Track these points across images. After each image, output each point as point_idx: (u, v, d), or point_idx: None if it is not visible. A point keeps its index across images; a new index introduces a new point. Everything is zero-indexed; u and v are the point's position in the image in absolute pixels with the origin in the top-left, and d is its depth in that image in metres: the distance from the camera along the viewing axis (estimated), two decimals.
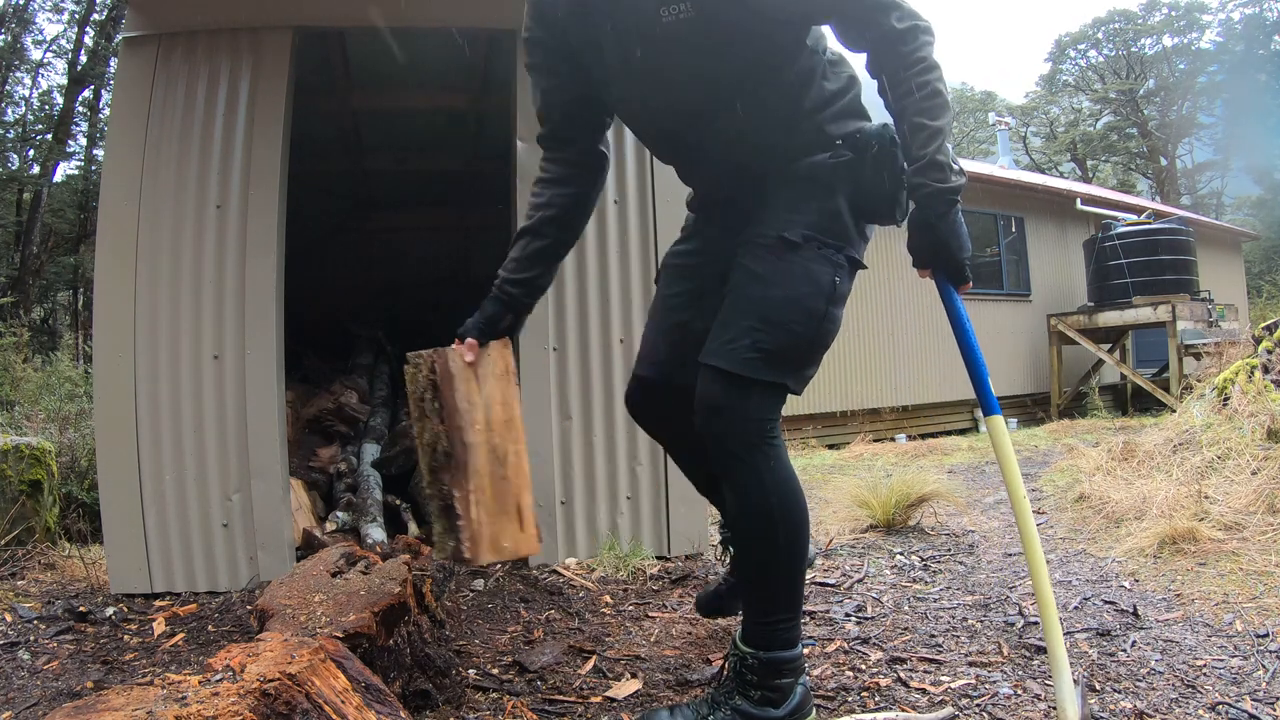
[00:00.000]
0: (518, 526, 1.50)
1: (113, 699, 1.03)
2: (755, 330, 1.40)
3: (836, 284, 1.44)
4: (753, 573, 1.49)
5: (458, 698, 1.62)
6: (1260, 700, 1.48)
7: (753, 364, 1.39)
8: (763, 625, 1.46)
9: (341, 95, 3.95)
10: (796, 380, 1.45)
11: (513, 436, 1.52)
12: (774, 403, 1.44)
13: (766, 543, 1.44)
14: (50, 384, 7.25)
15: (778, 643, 1.44)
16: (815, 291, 1.42)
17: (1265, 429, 2.92)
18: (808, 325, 1.42)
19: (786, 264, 1.42)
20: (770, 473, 1.41)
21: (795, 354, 1.43)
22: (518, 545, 1.50)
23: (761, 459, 1.41)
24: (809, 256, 1.42)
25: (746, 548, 1.49)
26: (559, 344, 2.86)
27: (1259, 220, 25.85)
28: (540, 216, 1.63)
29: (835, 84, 1.52)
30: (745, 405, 1.40)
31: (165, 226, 2.62)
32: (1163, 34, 27.72)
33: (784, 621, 1.45)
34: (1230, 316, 9.24)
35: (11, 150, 15.55)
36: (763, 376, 1.40)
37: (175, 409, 2.57)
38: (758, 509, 1.42)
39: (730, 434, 1.41)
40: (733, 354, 1.40)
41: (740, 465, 1.41)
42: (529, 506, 1.51)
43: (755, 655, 1.44)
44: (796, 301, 1.41)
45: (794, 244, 1.42)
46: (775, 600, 1.46)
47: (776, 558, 1.44)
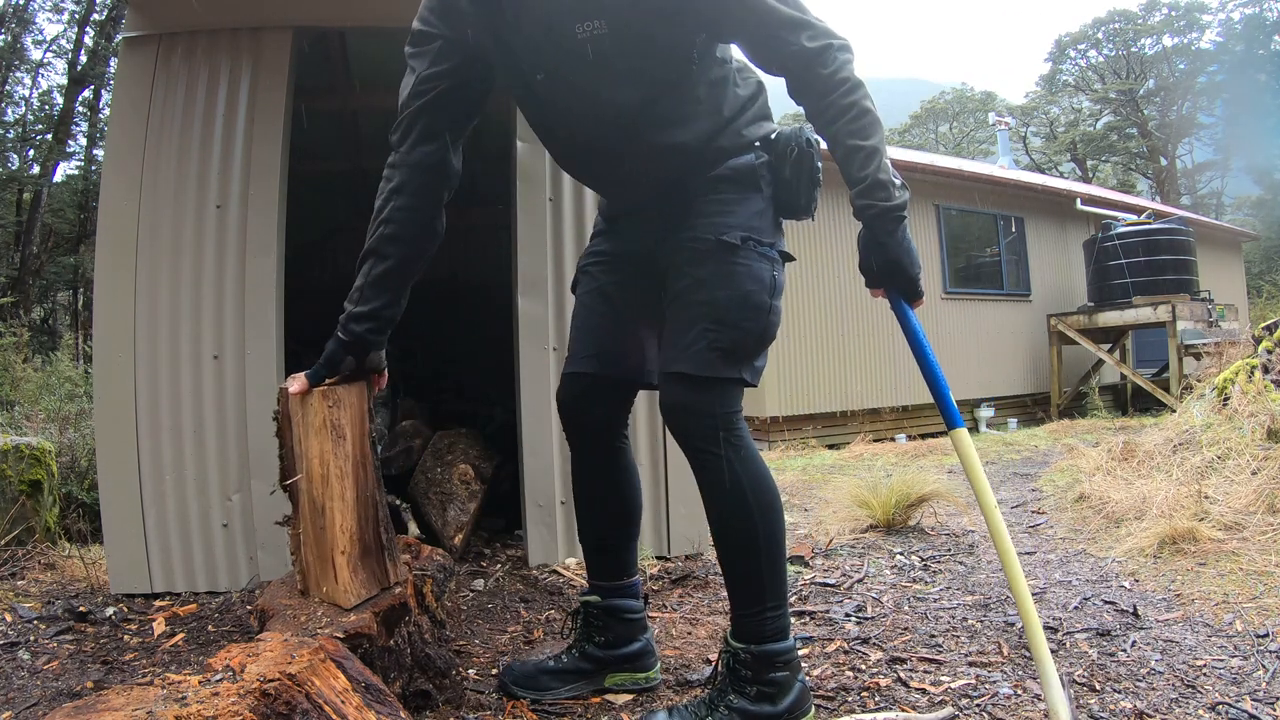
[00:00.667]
0: (333, 578, 1.50)
1: (113, 699, 1.03)
2: (709, 331, 1.45)
3: (775, 278, 1.51)
4: (735, 565, 1.51)
5: (458, 698, 1.62)
6: (1260, 700, 1.48)
7: (711, 363, 1.45)
8: (750, 618, 1.47)
9: (341, 95, 3.94)
10: (751, 373, 1.50)
11: (329, 492, 1.49)
12: (734, 396, 1.51)
13: (744, 532, 1.47)
14: (50, 384, 7.26)
15: (768, 634, 1.46)
16: (759, 289, 1.48)
17: (1265, 429, 2.92)
18: (756, 320, 1.48)
19: (729, 266, 1.47)
20: (740, 462, 1.47)
21: (747, 349, 1.48)
22: (333, 595, 1.50)
23: (730, 450, 1.46)
24: (748, 257, 1.48)
25: (726, 539, 1.51)
26: (559, 344, 2.85)
27: (1259, 220, 25.85)
28: (379, 235, 1.56)
29: (746, 90, 1.56)
30: (710, 402, 1.47)
31: (165, 226, 2.62)
32: (1163, 34, 27.72)
33: (771, 611, 1.47)
34: (1230, 316, 9.24)
35: (11, 150, 15.55)
36: (721, 374, 1.46)
37: (175, 409, 2.57)
38: (732, 498, 1.47)
39: (698, 431, 1.47)
40: (692, 357, 1.46)
41: (711, 459, 1.47)
42: (343, 563, 1.49)
43: (747, 650, 1.45)
44: (744, 300, 1.47)
45: (733, 246, 1.47)
46: (760, 590, 1.47)
47: (755, 545, 1.47)
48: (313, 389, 1.50)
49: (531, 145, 2.90)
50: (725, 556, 1.53)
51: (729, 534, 1.50)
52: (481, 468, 3.28)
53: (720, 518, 1.51)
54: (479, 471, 3.25)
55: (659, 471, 2.88)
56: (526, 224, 2.88)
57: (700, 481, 1.51)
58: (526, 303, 2.84)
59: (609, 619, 1.69)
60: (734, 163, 1.52)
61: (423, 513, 3.09)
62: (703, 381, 1.46)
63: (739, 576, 1.51)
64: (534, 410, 2.82)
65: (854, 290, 8.19)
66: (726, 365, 1.46)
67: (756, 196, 1.53)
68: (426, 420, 3.78)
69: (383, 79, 3.96)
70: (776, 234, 1.55)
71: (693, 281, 1.49)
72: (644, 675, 1.69)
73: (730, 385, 1.48)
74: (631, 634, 1.69)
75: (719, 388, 1.47)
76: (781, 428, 7.73)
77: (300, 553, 1.54)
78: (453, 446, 3.38)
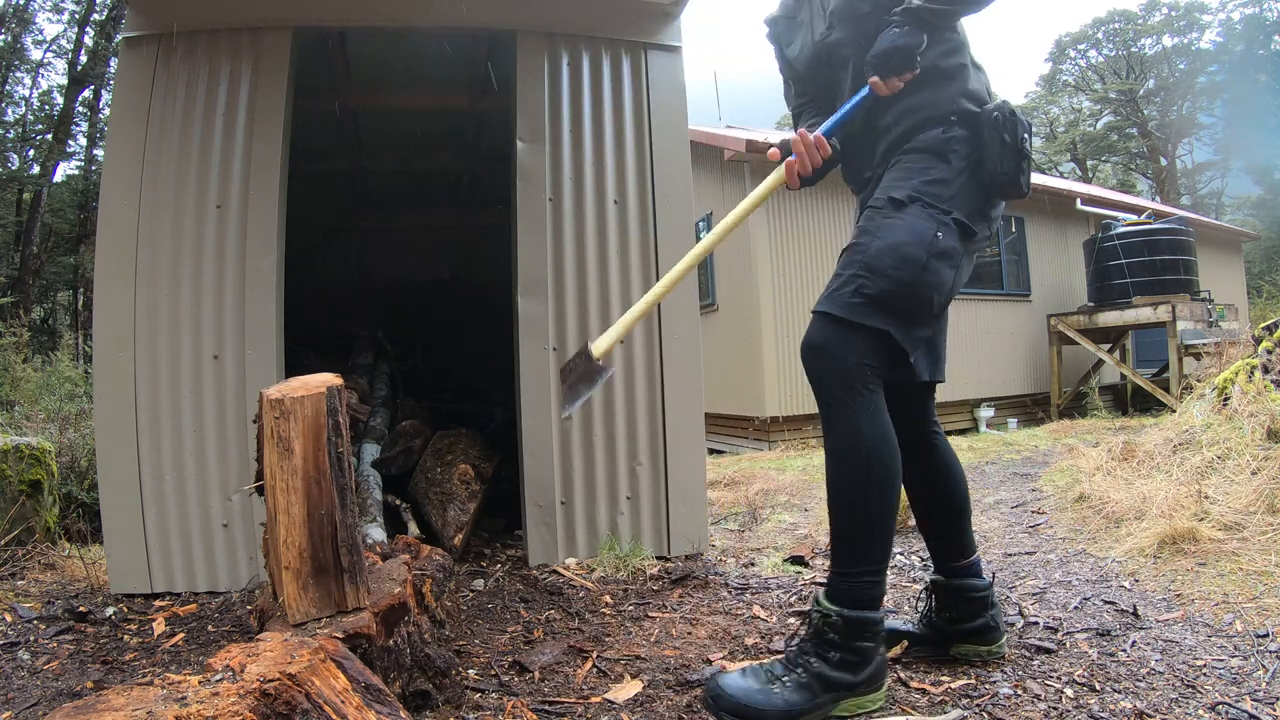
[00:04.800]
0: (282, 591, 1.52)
1: (113, 699, 1.03)
2: (858, 277, 1.49)
3: (939, 238, 1.51)
4: (843, 521, 1.51)
5: (458, 698, 1.62)
6: (1260, 700, 1.48)
7: (856, 308, 1.48)
8: (849, 579, 1.47)
9: (341, 95, 3.94)
10: (902, 333, 1.49)
11: (277, 505, 1.50)
12: (875, 350, 1.50)
13: (857, 488, 1.48)
14: (50, 384, 7.26)
15: (864, 600, 1.46)
16: (914, 240, 1.50)
17: (1265, 429, 2.92)
18: (905, 270, 1.48)
19: (891, 219, 1.53)
20: (866, 417, 1.47)
21: (896, 301, 1.48)
22: (285, 607, 1.52)
23: (861, 403, 1.47)
24: (913, 213, 1.53)
25: (838, 492, 1.51)
26: (559, 344, 2.86)
27: (1259, 220, 25.85)
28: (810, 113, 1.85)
29: (957, 59, 1.65)
30: (847, 348, 1.48)
31: (165, 226, 2.62)
32: (1163, 34, 27.73)
33: (869, 576, 1.47)
34: (1230, 316, 9.23)
35: (11, 150, 15.55)
36: (865, 321, 1.48)
37: (175, 409, 2.57)
38: (851, 452, 1.47)
39: (830, 373, 1.49)
40: (837, 299, 1.50)
41: (838, 406, 1.48)
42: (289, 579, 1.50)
43: (840, 613, 1.46)
44: (895, 249, 1.50)
45: (900, 202, 1.54)
46: (862, 551, 1.47)
47: (867, 504, 1.47)
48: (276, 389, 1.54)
49: (531, 145, 2.91)
50: (834, 508, 1.53)
51: (841, 485, 1.50)
52: (481, 468, 3.28)
53: (834, 465, 1.51)
54: (479, 471, 3.25)
55: (659, 471, 2.88)
56: (526, 224, 2.88)
57: (825, 420, 1.52)
58: (526, 303, 2.84)
59: (953, 596, 1.75)
60: (926, 134, 1.60)
61: (423, 513, 3.09)
62: (842, 324, 1.48)
63: (844, 532, 1.51)
64: (534, 410, 2.82)
65: None
66: (869, 313, 1.47)
67: (943, 166, 1.57)
68: (426, 420, 3.78)
69: (383, 79, 3.97)
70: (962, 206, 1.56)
71: (858, 232, 1.57)
72: (987, 648, 1.73)
73: (870, 335, 1.48)
74: (975, 610, 1.73)
75: (859, 334, 1.48)
76: (781, 428, 7.73)
77: (268, 559, 1.54)
78: (453, 446, 3.38)
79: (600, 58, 3.03)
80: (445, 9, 2.94)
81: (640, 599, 2.37)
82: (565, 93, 2.98)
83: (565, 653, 1.93)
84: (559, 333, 2.86)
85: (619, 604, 2.33)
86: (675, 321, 2.94)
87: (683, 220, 3.00)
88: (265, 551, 1.58)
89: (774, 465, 5.81)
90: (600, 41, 3.03)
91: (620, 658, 1.88)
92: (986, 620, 1.73)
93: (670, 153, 3.02)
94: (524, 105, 2.93)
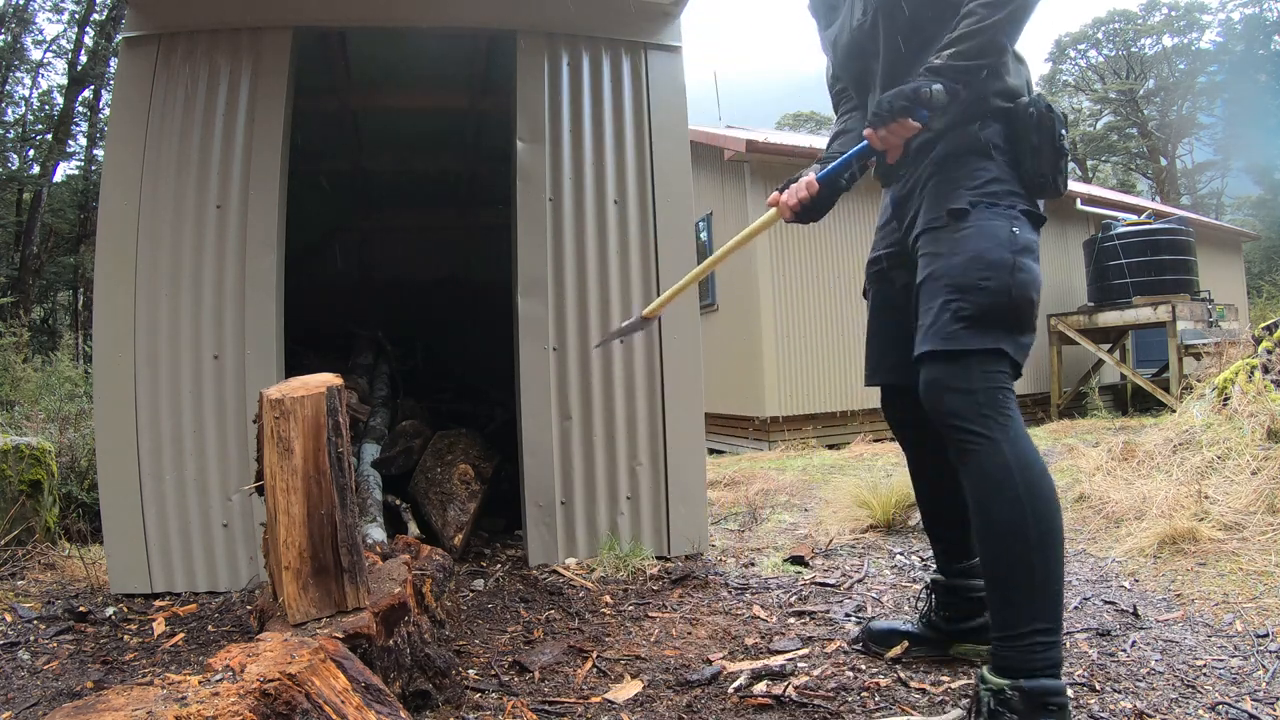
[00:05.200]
0: (281, 591, 1.52)
1: (113, 699, 1.03)
2: (951, 301, 1.38)
3: (1016, 233, 1.41)
4: (1001, 575, 1.33)
5: (458, 698, 1.62)
6: (1260, 700, 1.48)
7: (959, 335, 1.37)
8: (1017, 644, 1.28)
9: (341, 95, 3.95)
10: (1013, 345, 1.38)
11: (277, 505, 1.51)
12: (996, 371, 1.38)
13: (1017, 532, 1.29)
14: (50, 384, 7.26)
15: (1039, 666, 1.27)
16: (996, 244, 1.40)
17: (1265, 429, 2.92)
18: (998, 277, 1.38)
19: (961, 232, 1.43)
20: (1011, 445, 1.33)
21: (998, 313, 1.38)
22: (284, 607, 1.52)
23: (999, 431, 1.33)
24: (980, 216, 1.42)
25: (992, 543, 1.34)
26: (559, 344, 2.86)
27: (1259, 220, 25.85)
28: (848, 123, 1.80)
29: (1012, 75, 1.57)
30: (966, 378, 1.36)
31: (165, 226, 2.62)
32: (1163, 34, 27.73)
33: (1043, 636, 1.28)
34: (1230, 316, 9.23)
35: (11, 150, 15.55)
36: (974, 345, 1.37)
37: (175, 409, 2.57)
38: (1006, 491, 1.31)
39: (960, 412, 1.36)
40: (938, 332, 1.39)
41: (976, 442, 1.34)
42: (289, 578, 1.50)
43: (1015, 687, 1.26)
44: (979, 257, 1.39)
45: (963, 211, 1.43)
46: (1030, 608, 1.29)
47: (1028, 551, 1.29)
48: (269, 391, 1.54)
49: (531, 145, 2.91)
50: (987, 558, 1.35)
51: (993, 529, 1.33)
52: (481, 468, 3.28)
53: (983, 508, 1.34)
54: (479, 471, 3.25)
55: (659, 471, 2.88)
56: (526, 224, 2.88)
57: (961, 469, 1.37)
58: (526, 303, 2.84)
59: (952, 596, 1.73)
60: (958, 136, 1.51)
61: (423, 513, 3.09)
62: (953, 356, 1.36)
63: (1003, 585, 1.32)
64: (534, 410, 2.82)
65: (854, 290, 8.19)
66: (977, 335, 1.36)
67: (989, 163, 1.48)
68: (426, 420, 3.78)
69: (383, 79, 3.97)
70: (1018, 198, 1.47)
71: (929, 259, 1.45)
72: (987, 647, 1.67)
73: (987, 358, 1.37)
74: (974, 610, 1.71)
75: (974, 361, 1.36)
76: (781, 428, 7.73)
77: (268, 559, 1.54)
78: (453, 446, 3.38)
79: (600, 58, 3.03)
80: (445, 9, 2.94)
81: (640, 599, 2.37)
82: (565, 93, 2.98)
83: (565, 653, 1.93)
84: (559, 333, 2.86)
85: (619, 604, 2.33)
86: (675, 321, 2.94)
87: (683, 220, 3.00)
88: (265, 551, 1.58)
89: (774, 465, 5.81)
90: (600, 41, 3.03)
91: (620, 658, 1.88)
92: (985, 620, 1.71)
93: (670, 153, 3.02)
94: (524, 105, 2.92)
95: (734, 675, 1.72)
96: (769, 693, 1.61)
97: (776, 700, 1.57)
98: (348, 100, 4.01)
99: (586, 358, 2.87)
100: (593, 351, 2.87)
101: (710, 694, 1.64)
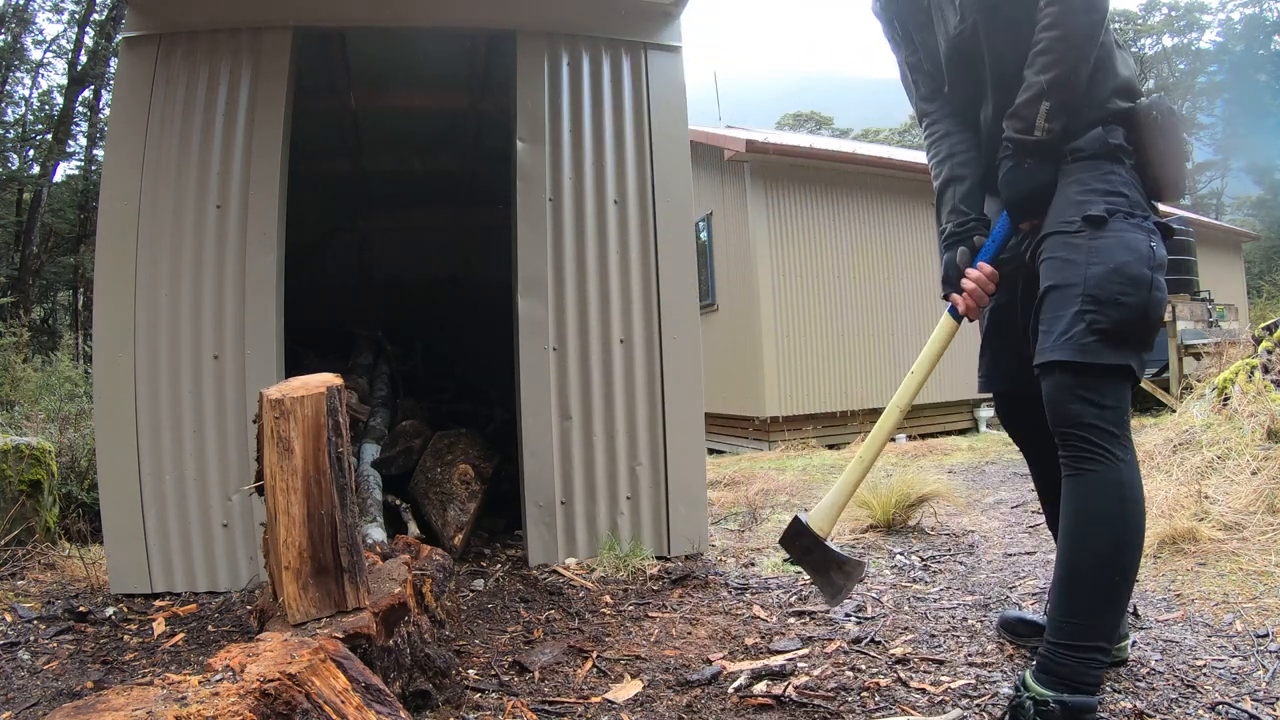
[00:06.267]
0: (282, 591, 1.52)
1: (113, 699, 1.03)
2: (1087, 313, 1.33)
3: (1154, 249, 1.36)
4: (1084, 588, 1.31)
5: (458, 698, 1.62)
6: (1260, 700, 1.48)
7: (1092, 348, 1.32)
8: (1078, 655, 1.27)
9: (341, 95, 3.95)
10: (1139, 363, 1.35)
11: (277, 505, 1.51)
12: (1122, 389, 1.34)
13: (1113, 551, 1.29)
14: (50, 384, 7.26)
15: (1090, 683, 1.26)
16: (1137, 258, 1.34)
17: (1265, 429, 2.92)
18: (1138, 294, 1.33)
19: (1099, 240, 1.36)
20: (1128, 467, 1.31)
21: (1132, 330, 1.33)
22: (285, 607, 1.53)
23: (1120, 450, 1.31)
24: (1119, 227, 1.37)
25: (1083, 555, 1.32)
26: (559, 344, 2.86)
27: (1259, 220, 25.85)
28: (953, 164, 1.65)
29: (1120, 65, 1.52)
30: (1099, 393, 1.32)
31: (165, 226, 2.62)
32: (1163, 34, 27.76)
33: (1101, 655, 1.28)
34: (1230, 316, 9.23)
35: (11, 150, 15.55)
36: (1106, 360, 1.32)
37: (175, 409, 2.57)
38: (1115, 510, 1.30)
39: (1089, 425, 1.32)
40: (1071, 343, 1.33)
41: (1102, 459, 1.31)
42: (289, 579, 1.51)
43: (1059, 700, 1.24)
44: (1120, 271, 1.33)
45: (1100, 219, 1.37)
46: (1096, 624, 1.29)
47: (1114, 571, 1.28)
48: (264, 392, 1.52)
49: (531, 145, 2.91)
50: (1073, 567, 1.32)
51: (1089, 543, 1.30)
52: (481, 468, 3.28)
53: (1084, 519, 1.31)
54: (479, 471, 3.25)
55: (659, 471, 2.88)
56: (526, 224, 2.88)
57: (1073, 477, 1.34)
58: (526, 303, 2.84)
59: None
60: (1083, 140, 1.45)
61: (423, 513, 3.09)
62: (1087, 369, 1.32)
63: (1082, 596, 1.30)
64: (534, 410, 2.82)
65: (854, 290, 8.19)
66: (1111, 350, 1.31)
67: (1120, 168, 1.42)
68: (426, 420, 3.78)
69: (383, 79, 3.97)
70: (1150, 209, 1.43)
71: (1062, 264, 1.39)
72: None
73: (1116, 374, 1.33)
74: None
75: (1106, 376, 1.32)
76: (781, 428, 7.73)
77: (268, 559, 1.54)
78: (453, 446, 3.38)
79: (600, 58, 3.03)
80: (445, 9, 2.94)
81: (640, 599, 2.37)
82: (565, 93, 2.98)
83: (565, 653, 1.93)
84: (559, 333, 2.86)
85: (619, 604, 2.33)
86: (675, 321, 2.94)
87: (683, 220, 3.01)
88: (265, 551, 1.58)
89: (774, 465, 5.81)
90: (600, 41, 3.03)
91: (620, 658, 1.88)
92: None
93: (670, 153, 3.02)
94: (524, 105, 2.92)
95: (734, 675, 1.72)
96: (769, 693, 1.61)
97: (776, 700, 1.57)
98: (348, 100, 4.01)
99: (586, 358, 2.87)
100: (593, 351, 2.88)
101: (710, 694, 1.64)
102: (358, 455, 3.54)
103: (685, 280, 2.99)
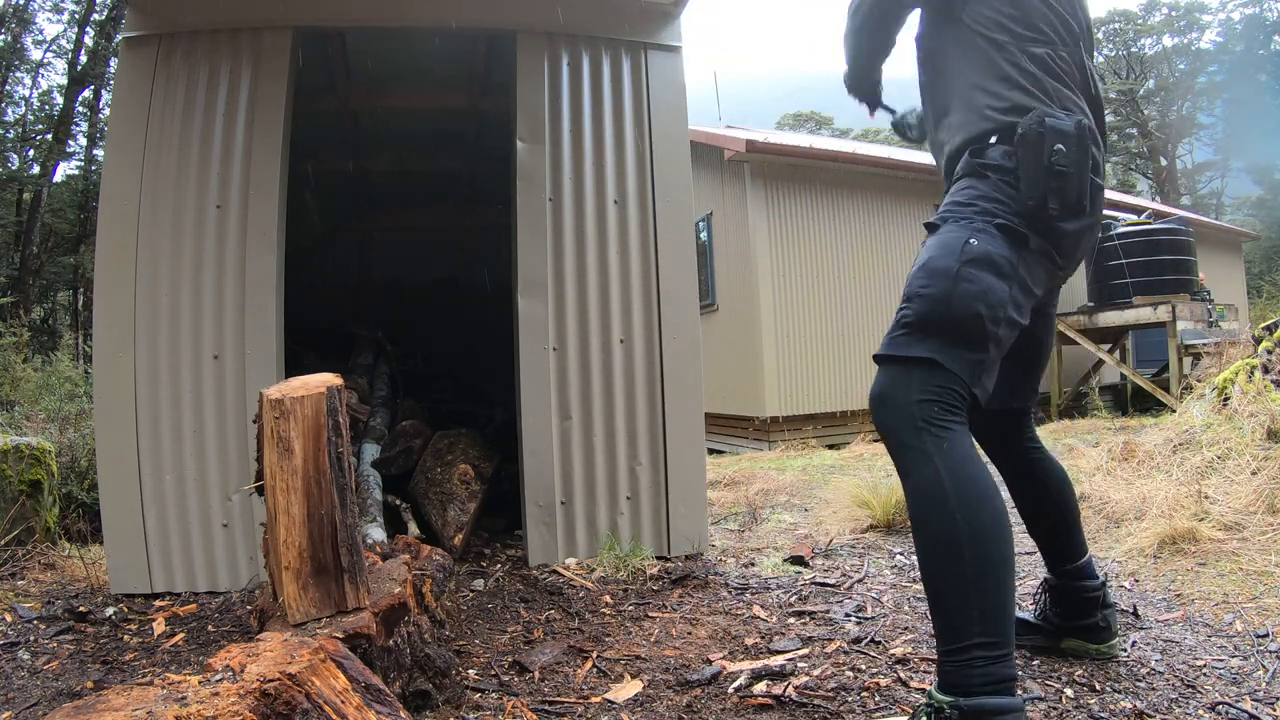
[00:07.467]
0: (281, 591, 1.52)
1: (113, 699, 1.03)
2: (901, 310, 1.40)
3: (971, 243, 1.37)
4: (937, 588, 1.29)
5: (458, 698, 1.62)
6: (1260, 700, 1.48)
7: (898, 341, 1.37)
8: (956, 659, 1.24)
9: (341, 95, 3.94)
10: (951, 358, 1.33)
11: (277, 505, 1.51)
12: (930, 383, 1.33)
13: (946, 547, 1.26)
14: (50, 384, 7.25)
15: (978, 683, 1.21)
16: (945, 253, 1.38)
17: (1265, 429, 2.92)
18: (937, 285, 1.35)
19: (925, 246, 1.45)
20: (944, 460, 1.28)
21: (935, 321, 1.34)
22: (285, 607, 1.53)
23: (934, 446, 1.29)
24: (945, 229, 1.44)
25: (925, 558, 1.31)
26: (559, 344, 2.86)
27: (1259, 220, 25.85)
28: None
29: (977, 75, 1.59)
30: (903, 387, 1.35)
31: (165, 226, 2.62)
32: (1163, 34, 27.74)
33: (982, 650, 1.22)
34: (1230, 316, 9.23)
35: (11, 150, 15.55)
36: (909, 352, 1.35)
37: (175, 409, 2.58)
38: (932, 502, 1.28)
39: (893, 420, 1.35)
40: (886, 339, 1.40)
41: (910, 455, 1.31)
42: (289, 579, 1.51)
43: (955, 705, 1.21)
44: (925, 266, 1.40)
45: (933, 225, 1.47)
46: (966, 621, 1.24)
47: (962, 564, 1.25)
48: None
49: (531, 145, 2.91)
50: (924, 573, 1.32)
51: (928, 547, 1.29)
52: (481, 468, 3.28)
53: (919, 526, 1.31)
54: (479, 471, 3.25)
55: (659, 471, 2.88)
56: (526, 224, 2.88)
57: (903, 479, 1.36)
58: (526, 303, 2.84)
59: (1063, 595, 1.75)
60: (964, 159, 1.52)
61: (423, 513, 3.09)
62: (893, 362, 1.37)
63: (939, 602, 1.28)
64: (534, 410, 2.82)
65: (854, 290, 8.19)
66: (914, 342, 1.35)
67: (980, 182, 1.46)
68: (426, 420, 3.78)
69: (383, 79, 3.97)
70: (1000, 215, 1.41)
71: None
72: (1095, 647, 1.72)
73: (917, 367, 1.34)
74: (1087, 609, 1.72)
75: (908, 369, 1.35)
76: (781, 428, 7.73)
77: (268, 559, 1.54)
78: (453, 446, 3.38)
79: (600, 58, 3.03)
80: (445, 9, 2.94)
81: (640, 599, 2.37)
82: (565, 93, 2.98)
83: (565, 653, 1.93)
84: (559, 333, 2.86)
85: (619, 604, 2.33)
86: (675, 321, 2.94)
87: (683, 220, 3.01)
88: (265, 551, 1.58)
89: (774, 465, 5.81)
90: (600, 41, 3.03)
91: (620, 658, 1.88)
92: (1098, 619, 1.72)
93: (670, 153, 3.02)
94: (524, 105, 2.92)
95: (734, 675, 1.72)
96: (769, 693, 1.61)
97: (776, 700, 1.57)
98: (348, 100, 4.01)
99: (586, 358, 2.87)
100: (593, 351, 2.88)
101: (710, 694, 1.64)
102: (358, 455, 3.54)
103: (685, 280, 2.99)
